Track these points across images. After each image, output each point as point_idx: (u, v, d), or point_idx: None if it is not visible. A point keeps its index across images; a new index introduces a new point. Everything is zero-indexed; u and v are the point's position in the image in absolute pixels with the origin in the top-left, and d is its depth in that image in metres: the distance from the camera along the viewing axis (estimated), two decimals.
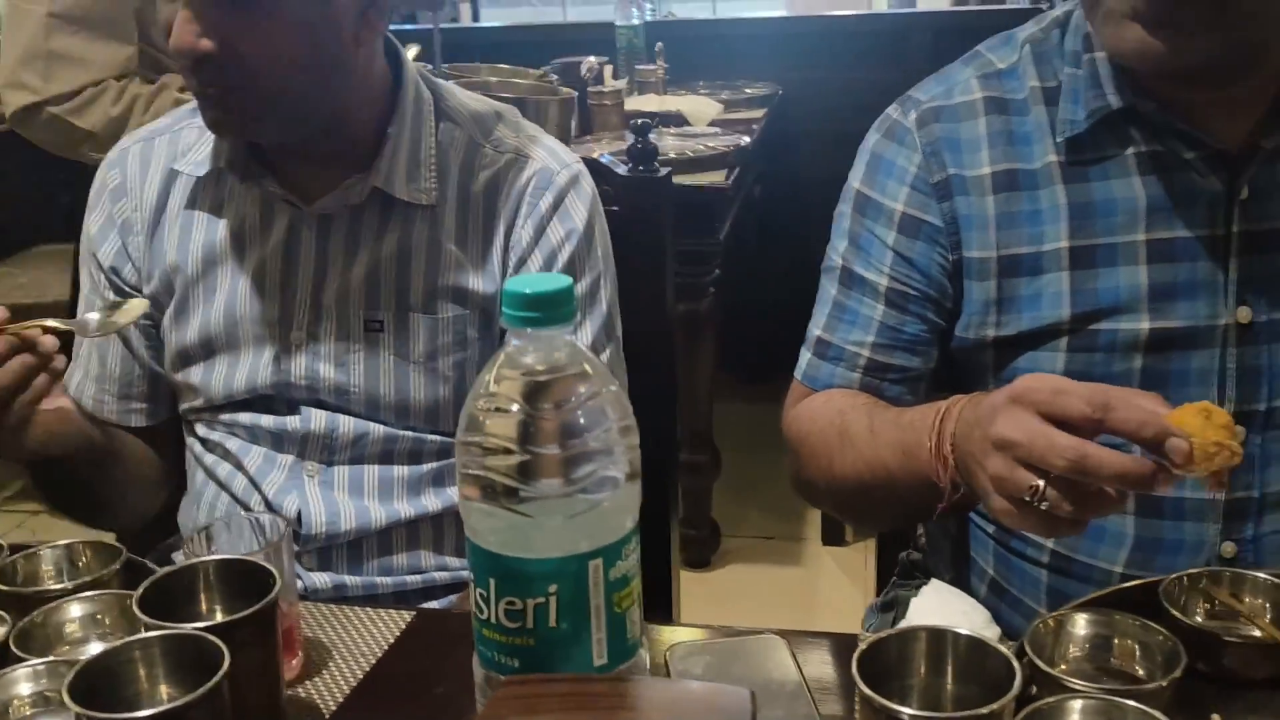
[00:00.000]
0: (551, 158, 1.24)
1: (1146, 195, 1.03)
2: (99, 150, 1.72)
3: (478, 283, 1.20)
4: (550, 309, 0.67)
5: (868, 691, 0.73)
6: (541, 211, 1.21)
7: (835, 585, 2.62)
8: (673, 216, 1.54)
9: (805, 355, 1.17)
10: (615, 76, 3.12)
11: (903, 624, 0.93)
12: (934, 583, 0.98)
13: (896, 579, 1.37)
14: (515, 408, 0.66)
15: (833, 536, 2.75)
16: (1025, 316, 1.06)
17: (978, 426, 0.87)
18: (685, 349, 2.56)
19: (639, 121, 1.52)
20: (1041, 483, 0.80)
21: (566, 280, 0.67)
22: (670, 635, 0.98)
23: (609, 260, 1.28)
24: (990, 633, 0.93)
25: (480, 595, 0.69)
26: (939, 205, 1.07)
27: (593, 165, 1.54)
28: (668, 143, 2.56)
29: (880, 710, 0.73)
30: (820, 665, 0.95)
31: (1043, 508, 0.81)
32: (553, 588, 0.67)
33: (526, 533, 0.66)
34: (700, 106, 2.86)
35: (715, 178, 2.43)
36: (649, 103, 2.91)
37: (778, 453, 1.19)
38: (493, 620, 0.69)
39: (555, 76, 2.68)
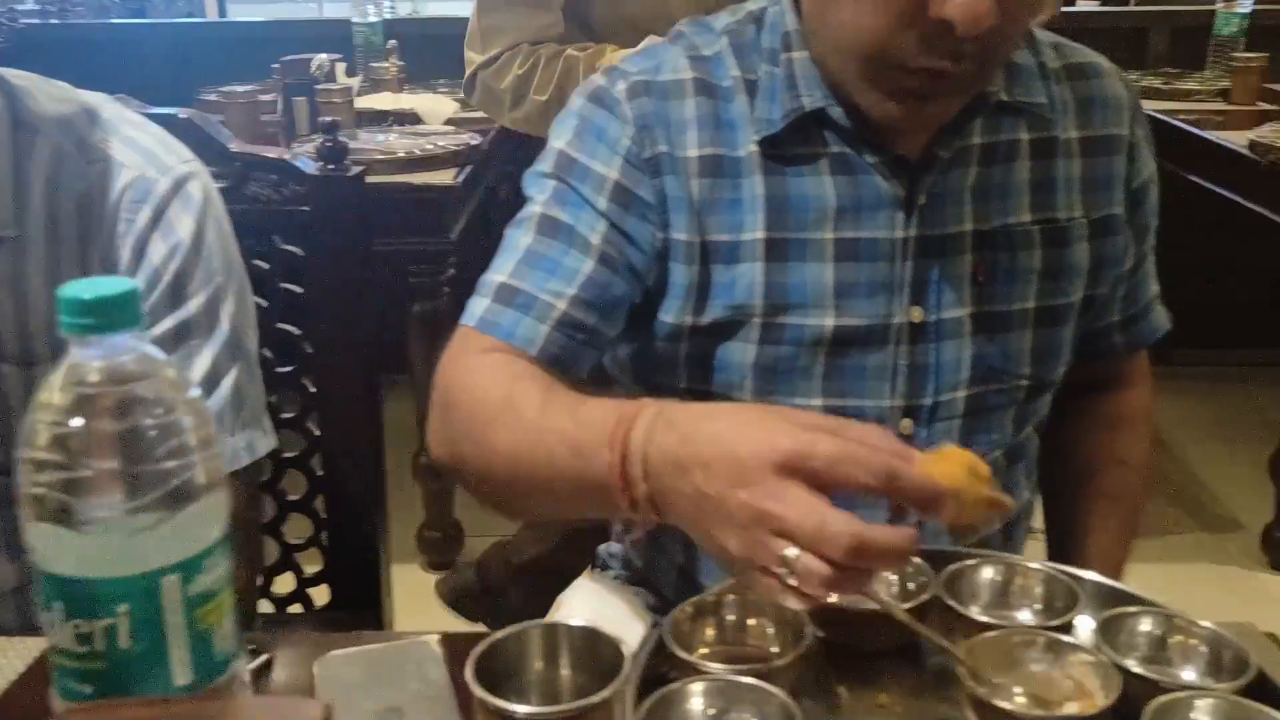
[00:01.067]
0: (149, 163, 1.11)
1: (836, 195, 1.05)
2: (513, 108, 2.07)
3: None
4: (112, 314, 0.63)
5: (481, 693, 0.73)
6: (140, 227, 1.09)
7: None
8: (368, 217, 1.51)
9: (483, 302, 1.05)
10: (352, 74, 3.05)
11: (551, 618, 0.93)
12: (586, 574, 0.99)
13: (595, 570, 1.39)
14: (74, 421, 0.63)
15: None
16: (720, 305, 1.06)
17: (713, 476, 0.75)
18: (424, 348, 2.53)
19: (327, 120, 1.48)
20: (795, 552, 0.72)
21: (130, 283, 0.64)
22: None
23: (233, 271, 1.18)
24: (640, 622, 0.96)
25: (49, 620, 0.65)
26: (651, 181, 1.05)
27: (281, 165, 1.50)
28: (394, 141, 2.51)
29: (494, 711, 0.73)
30: None
31: (790, 583, 0.72)
32: (123, 608, 0.63)
33: (89, 551, 0.63)
34: (436, 105, 2.83)
35: (444, 177, 2.40)
36: (383, 101, 2.86)
37: None
38: (63, 645, 0.65)
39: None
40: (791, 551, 0.72)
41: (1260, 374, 3.32)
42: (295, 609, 1.60)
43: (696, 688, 0.82)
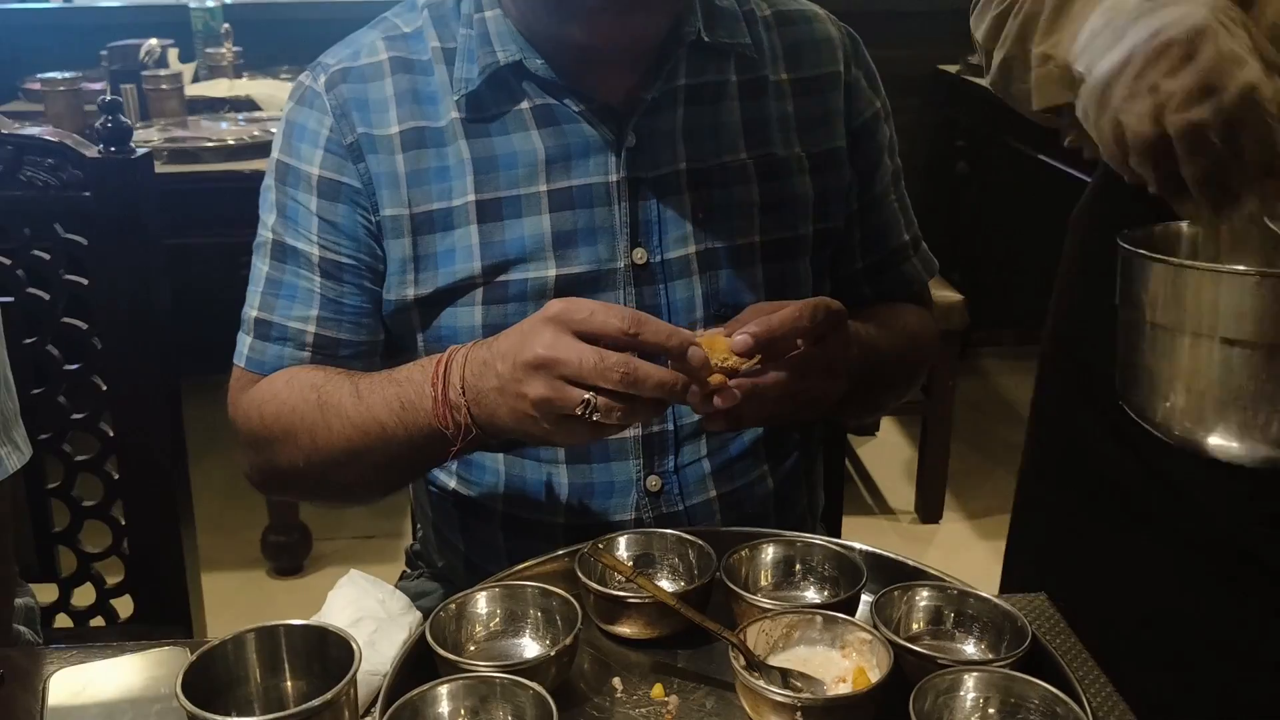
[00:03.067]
0: None
1: (544, 147, 1.04)
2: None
3: None
4: None
5: (190, 708, 0.66)
6: None
7: None
8: (157, 202, 1.42)
9: (245, 339, 1.10)
10: (188, 61, 2.92)
11: (316, 618, 0.87)
12: (351, 574, 0.93)
13: (406, 571, 1.34)
14: None
15: None
16: (441, 273, 1.05)
17: (506, 357, 0.88)
18: None
19: (105, 99, 1.38)
20: (591, 396, 0.84)
21: None
22: None
23: None
24: (410, 618, 0.90)
25: None
26: (354, 166, 1.05)
27: (59, 148, 1.39)
28: (226, 129, 2.41)
29: None
30: None
31: (594, 419, 0.84)
32: None
33: None
34: (275, 91, 2.71)
35: None
36: (218, 88, 2.74)
37: None
38: None
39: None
40: (589, 394, 0.84)
41: None
42: (97, 622, 1.50)
43: (452, 687, 0.77)
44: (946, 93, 3.47)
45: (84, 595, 1.50)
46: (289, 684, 0.71)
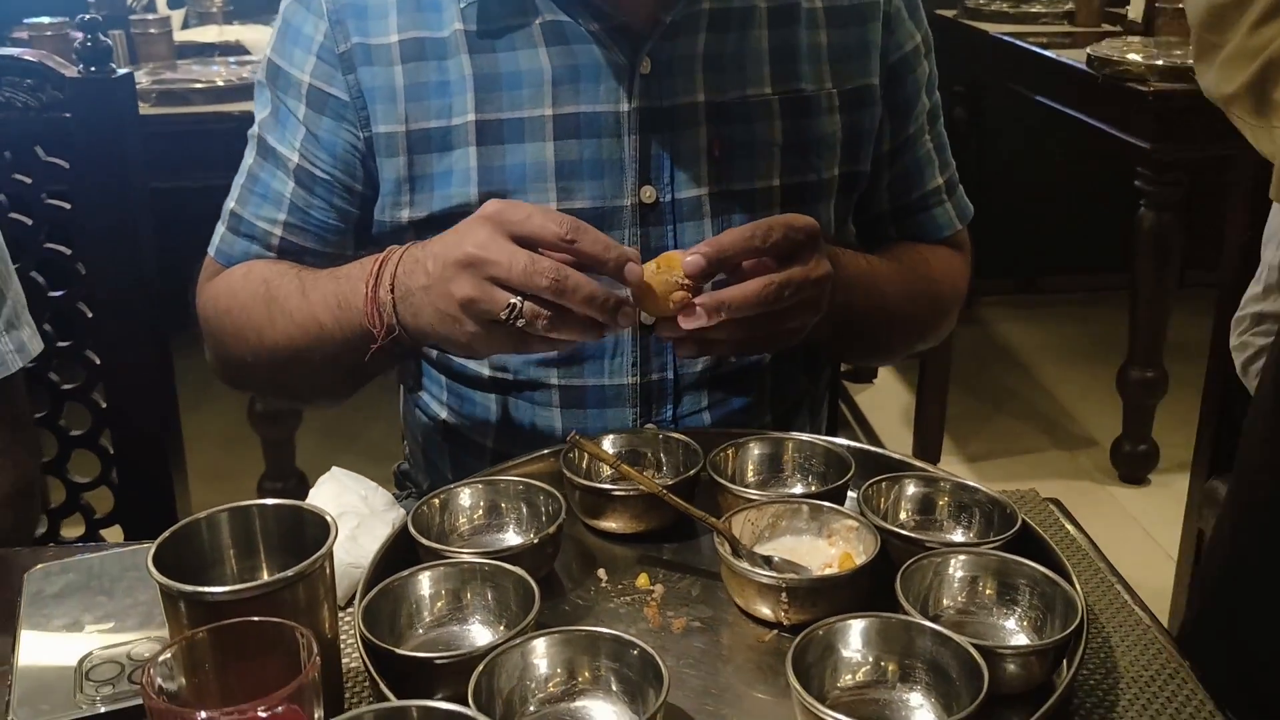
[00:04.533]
0: None
1: (552, 67, 0.97)
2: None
3: None
4: None
5: (161, 579, 0.65)
6: None
7: None
8: (138, 126, 1.40)
9: (220, 229, 1.09)
10: (176, 7, 2.88)
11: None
12: (334, 470, 0.92)
13: (396, 492, 1.33)
14: None
15: None
16: (437, 195, 1.00)
17: (438, 257, 0.85)
18: None
19: (85, 17, 1.36)
20: (518, 300, 0.80)
21: None
22: None
23: None
24: (393, 514, 0.88)
25: None
26: (344, 78, 1.00)
27: (38, 68, 1.37)
28: (214, 71, 2.38)
29: (177, 596, 0.65)
30: None
31: (519, 325, 0.81)
32: None
33: None
34: (264, 36, 2.67)
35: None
36: (207, 33, 2.70)
37: (375, 390, 1.08)
38: None
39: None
40: (515, 299, 0.80)
41: (1115, 297, 3.37)
42: None
43: (433, 573, 0.76)
44: (944, 38, 3.43)
45: (73, 527, 1.49)
46: (264, 562, 0.70)
